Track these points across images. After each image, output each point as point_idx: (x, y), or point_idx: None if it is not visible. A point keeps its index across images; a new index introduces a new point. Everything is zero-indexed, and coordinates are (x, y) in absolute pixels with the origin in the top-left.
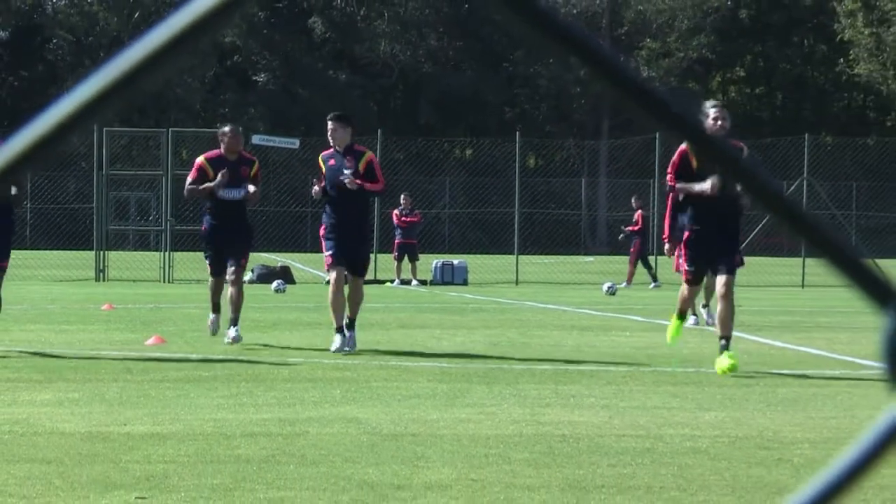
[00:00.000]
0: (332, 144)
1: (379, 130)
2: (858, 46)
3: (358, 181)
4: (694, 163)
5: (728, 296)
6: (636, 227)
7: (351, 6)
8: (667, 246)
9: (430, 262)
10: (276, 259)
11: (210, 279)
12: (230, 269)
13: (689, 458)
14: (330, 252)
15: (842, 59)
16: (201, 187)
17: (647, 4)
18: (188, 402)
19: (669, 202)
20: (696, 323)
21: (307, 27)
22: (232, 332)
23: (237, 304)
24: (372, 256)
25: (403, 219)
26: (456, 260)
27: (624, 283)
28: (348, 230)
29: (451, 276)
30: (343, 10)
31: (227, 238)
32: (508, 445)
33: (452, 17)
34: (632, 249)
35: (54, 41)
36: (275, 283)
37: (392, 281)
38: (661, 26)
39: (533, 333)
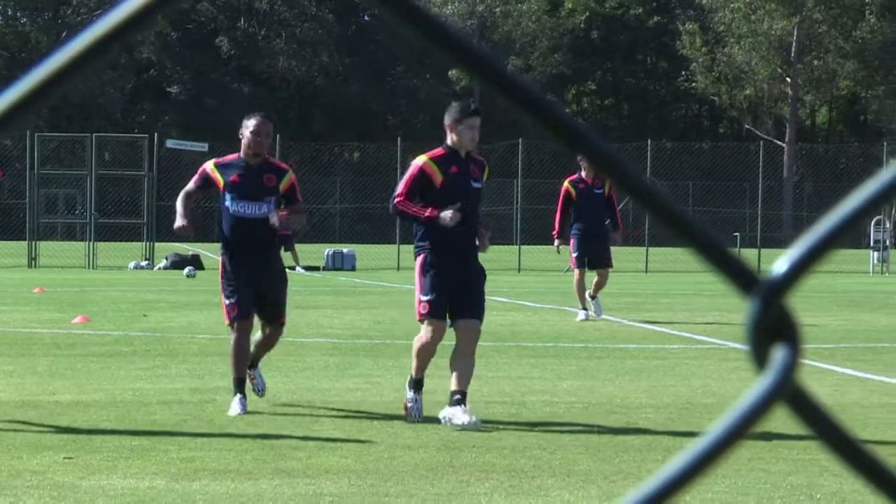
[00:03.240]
0: (458, 146)
1: (278, 136)
2: (696, 63)
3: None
4: None
5: None
6: None
7: (253, 27)
8: (556, 242)
9: (322, 251)
10: (188, 248)
11: (231, 337)
12: (268, 330)
13: (549, 422)
14: (429, 297)
15: (683, 73)
16: (181, 206)
17: (513, 26)
18: (110, 373)
19: (560, 202)
20: (586, 317)
21: (215, 45)
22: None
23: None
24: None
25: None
26: (345, 248)
27: None
28: (462, 259)
29: (341, 263)
30: (246, 30)
31: (253, 275)
32: (391, 411)
33: (342, 36)
34: None
35: None
36: (186, 269)
37: None
38: (524, 46)
39: (412, 313)
